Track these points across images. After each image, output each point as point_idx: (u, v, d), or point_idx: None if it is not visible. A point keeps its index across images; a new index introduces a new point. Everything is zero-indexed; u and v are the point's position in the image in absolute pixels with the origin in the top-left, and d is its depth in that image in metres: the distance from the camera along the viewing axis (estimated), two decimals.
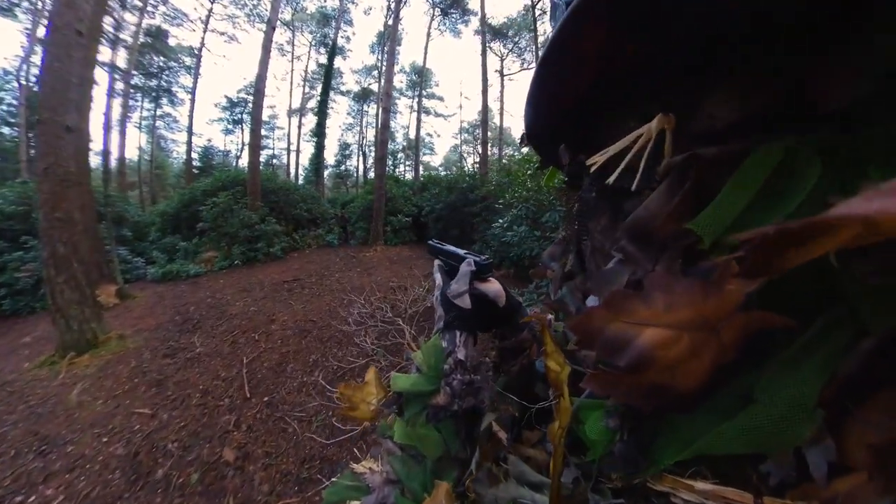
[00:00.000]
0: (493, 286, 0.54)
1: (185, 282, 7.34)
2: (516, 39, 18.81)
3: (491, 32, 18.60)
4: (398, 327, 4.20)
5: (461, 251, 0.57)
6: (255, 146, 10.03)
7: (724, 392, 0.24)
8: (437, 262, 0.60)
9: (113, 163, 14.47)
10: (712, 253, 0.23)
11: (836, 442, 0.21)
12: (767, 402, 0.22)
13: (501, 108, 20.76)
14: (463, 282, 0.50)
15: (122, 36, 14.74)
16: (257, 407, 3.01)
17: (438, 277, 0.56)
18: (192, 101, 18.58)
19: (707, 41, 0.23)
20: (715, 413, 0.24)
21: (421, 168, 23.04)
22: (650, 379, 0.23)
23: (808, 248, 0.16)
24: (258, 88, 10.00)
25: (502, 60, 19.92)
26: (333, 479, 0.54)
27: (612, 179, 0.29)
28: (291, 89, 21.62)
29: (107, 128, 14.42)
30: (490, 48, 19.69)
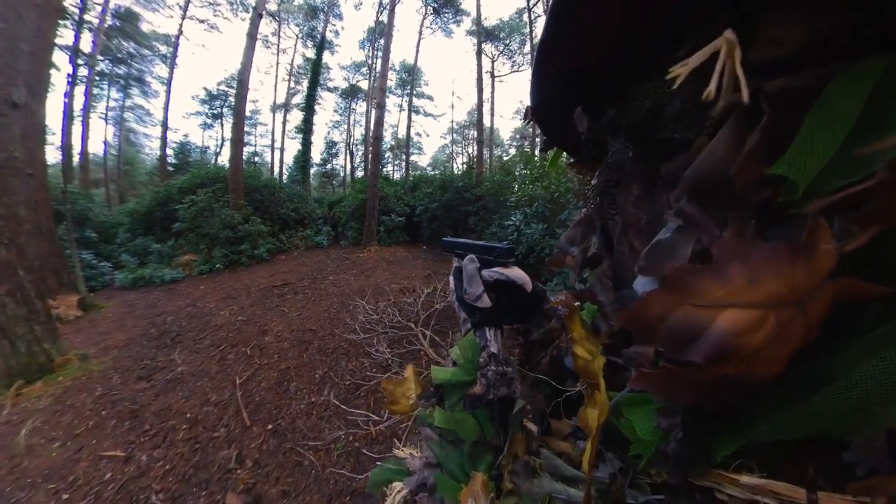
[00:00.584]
0: (517, 272, 0.54)
1: (159, 288, 6.54)
2: (507, 42, 18.81)
3: (483, 34, 18.54)
4: (412, 333, 3.77)
5: (479, 242, 0.58)
6: (238, 141, 9.26)
7: (797, 373, 0.20)
8: (454, 265, 0.60)
9: (76, 158, 13.10)
10: (801, 205, 0.18)
11: None
12: (849, 381, 0.19)
13: (492, 110, 20.71)
14: (476, 282, 0.51)
15: (87, 18, 13.35)
16: (261, 437, 2.51)
17: (452, 281, 0.57)
18: (168, 92, 17.22)
19: None
20: (782, 396, 0.20)
21: (404, 167, 22.69)
22: (724, 371, 0.19)
23: None
24: (241, 79, 9.23)
25: (493, 62, 19.87)
26: (378, 464, 0.57)
27: (711, 90, 0.19)
28: (276, 83, 20.55)
29: (67, 116, 13.07)
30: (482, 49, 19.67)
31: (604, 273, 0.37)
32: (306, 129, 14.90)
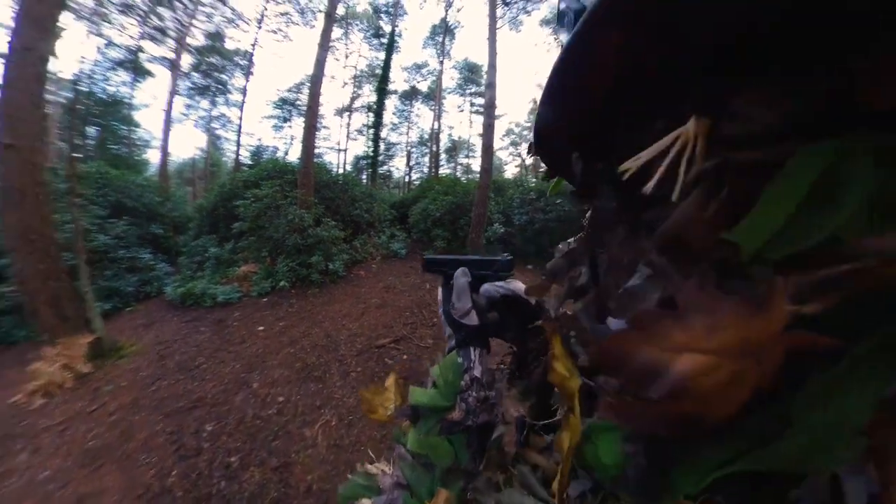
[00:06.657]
0: (520, 285, 0.51)
1: (208, 318, 4.31)
2: None
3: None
4: None
5: (471, 256, 0.52)
6: (311, 127, 7.11)
7: (757, 417, 0.20)
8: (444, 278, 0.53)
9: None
10: (752, 265, 0.20)
11: (879, 472, 0.18)
12: (803, 425, 0.19)
13: None
14: (465, 297, 0.46)
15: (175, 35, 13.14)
16: None
17: (441, 293, 0.52)
18: (243, 99, 16.59)
19: (739, 39, 0.20)
20: (744, 438, 0.20)
21: (459, 170, 19.94)
22: (681, 408, 0.19)
23: None
24: (319, 59, 7.06)
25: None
26: (349, 476, 0.54)
27: (649, 187, 0.23)
28: (343, 86, 19.16)
29: (167, 123, 13.26)
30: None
31: (591, 303, 0.36)
32: (377, 122, 12.80)
